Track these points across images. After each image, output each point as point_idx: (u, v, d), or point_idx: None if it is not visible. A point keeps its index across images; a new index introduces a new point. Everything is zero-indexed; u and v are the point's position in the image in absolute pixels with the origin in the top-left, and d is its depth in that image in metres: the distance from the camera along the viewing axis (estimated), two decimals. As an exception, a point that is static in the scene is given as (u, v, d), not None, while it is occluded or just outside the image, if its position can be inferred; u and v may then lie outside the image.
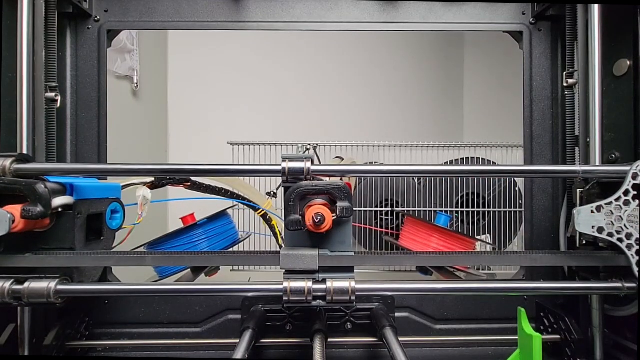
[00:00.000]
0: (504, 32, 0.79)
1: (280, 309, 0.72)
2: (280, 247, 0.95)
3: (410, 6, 0.78)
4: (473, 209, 1.42)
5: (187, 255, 0.56)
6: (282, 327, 0.72)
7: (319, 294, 0.52)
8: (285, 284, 0.51)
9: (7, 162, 0.52)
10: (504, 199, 1.40)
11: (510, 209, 1.41)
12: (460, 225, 1.42)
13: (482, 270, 1.37)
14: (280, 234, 0.97)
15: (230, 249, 0.90)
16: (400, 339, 0.61)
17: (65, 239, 0.55)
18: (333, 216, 0.52)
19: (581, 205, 0.58)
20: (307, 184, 0.53)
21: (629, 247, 0.51)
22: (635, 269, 0.51)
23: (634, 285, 0.54)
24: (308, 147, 1.34)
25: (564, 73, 0.72)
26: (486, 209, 1.42)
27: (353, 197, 0.58)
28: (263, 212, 0.97)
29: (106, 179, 0.70)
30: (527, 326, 0.55)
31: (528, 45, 0.77)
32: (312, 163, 0.53)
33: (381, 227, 1.38)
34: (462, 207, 1.42)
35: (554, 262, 0.59)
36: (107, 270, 0.74)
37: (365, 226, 1.38)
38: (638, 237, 0.51)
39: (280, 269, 0.53)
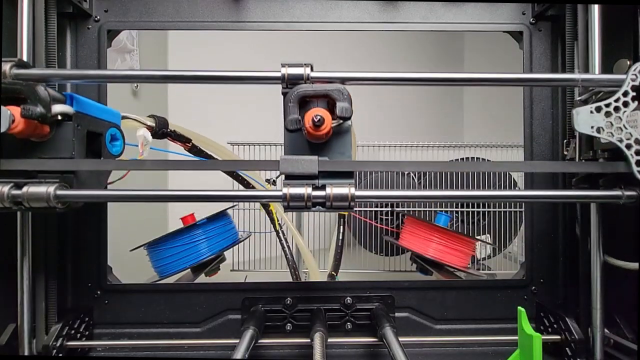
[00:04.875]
0: (504, 32, 0.79)
1: (280, 309, 0.72)
2: (277, 231, 0.96)
3: (411, 6, 0.78)
4: (473, 209, 1.43)
5: (188, 162, 0.56)
6: (282, 327, 0.72)
7: (319, 200, 0.51)
8: (285, 190, 0.51)
9: (7, 67, 0.51)
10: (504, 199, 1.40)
11: (510, 209, 1.41)
12: (460, 225, 1.42)
13: (482, 270, 1.37)
14: (278, 220, 0.97)
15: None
16: (400, 339, 0.61)
17: (65, 149, 0.54)
18: (333, 122, 0.52)
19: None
20: (306, 86, 0.53)
21: (629, 146, 0.50)
22: (635, 168, 0.50)
23: (633, 193, 0.53)
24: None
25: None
26: (486, 209, 1.42)
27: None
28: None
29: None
30: (527, 326, 0.55)
31: (528, 45, 0.77)
32: (312, 69, 0.53)
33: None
34: (462, 207, 1.42)
35: (553, 168, 0.57)
36: (106, 270, 0.74)
37: (366, 219, 1.38)
38: (637, 136, 0.50)
39: (280, 173, 0.53)
